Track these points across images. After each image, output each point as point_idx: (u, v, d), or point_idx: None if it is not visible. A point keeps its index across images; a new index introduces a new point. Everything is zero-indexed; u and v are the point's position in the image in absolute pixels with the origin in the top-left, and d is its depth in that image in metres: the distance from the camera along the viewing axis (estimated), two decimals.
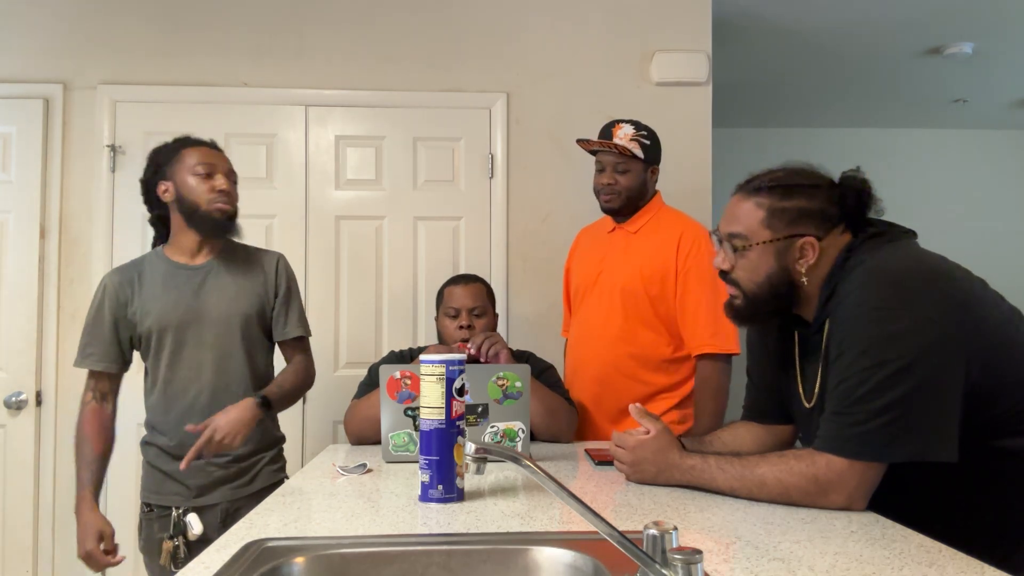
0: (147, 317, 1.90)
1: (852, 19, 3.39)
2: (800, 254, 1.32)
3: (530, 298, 2.97)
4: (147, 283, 1.93)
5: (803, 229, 1.32)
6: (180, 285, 1.93)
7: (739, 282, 1.38)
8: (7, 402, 2.83)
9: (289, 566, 0.99)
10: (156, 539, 1.90)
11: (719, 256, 1.41)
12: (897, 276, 1.24)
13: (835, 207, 1.33)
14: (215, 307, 1.93)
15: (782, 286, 1.34)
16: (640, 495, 1.35)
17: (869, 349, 1.19)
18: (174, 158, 1.92)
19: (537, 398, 1.89)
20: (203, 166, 1.90)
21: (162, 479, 1.93)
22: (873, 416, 1.17)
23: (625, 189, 2.19)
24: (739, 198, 1.39)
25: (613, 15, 3.07)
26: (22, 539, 2.82)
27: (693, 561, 0.76)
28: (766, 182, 1.36)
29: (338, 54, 3.00)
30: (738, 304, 1.40)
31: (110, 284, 1.93)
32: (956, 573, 0.92)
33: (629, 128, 2.19)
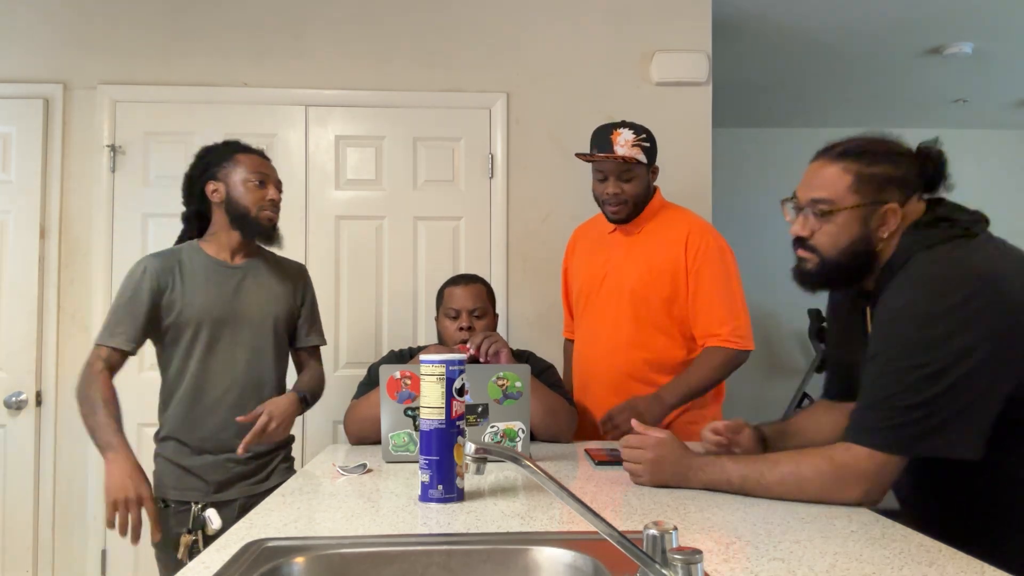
0: (188, 308, 1.92)
1: (852, 19, 3.39)
2: (882, 221, 1.32)
3: (530, 298, 2.97)
4: (188, 274, 1.95)
5: (888, 196, 1.32)
6: (221, 282, 1.97)
7: (818, 248, 1.36)
8: (7, 402, 2.83)
9: (289, 566, 0.99)
10: (173, 534, 1.89)
11: (796, 223, 1.39)
12: (944, 283, 1.23)
13: (916, 176, 1.34)
14: (252, 307, 1.99)
15: (862, 254, 1.34)
16: (640, 495, 1.35)
17: (906, 352, 1.21)
18: (227, 161, 1.98)
19: (537, 398, 1.89)
20: (258, 175, 1.98)
21: (181, 474, 1.94)
22: (904, 413, 1.19)
23: (632, 198, 2.14)
24: (822, 163, 1.37)
25: (613, 15, 3.07)
26: (22, 539, 2.82)
27: (693, 561, 0.76)
28: (853, 147, 1.35)
29: (338, 54, 3.00)
30: (809, 268, 1.38)
31: (151, 267, 1.94)
32: (956, 573, 0.92)
33: (628, 133, 2.12)
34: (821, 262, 1.37)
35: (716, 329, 2.09)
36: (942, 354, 1.18)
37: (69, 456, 2.86)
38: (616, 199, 2.13)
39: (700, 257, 2.10)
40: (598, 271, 2.24)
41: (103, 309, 2.87)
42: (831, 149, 1.38)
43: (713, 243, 2.12)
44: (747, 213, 4.81)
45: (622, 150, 2.08)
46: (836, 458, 1.24)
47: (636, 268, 2.16)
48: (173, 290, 1.93)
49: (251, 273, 2.02)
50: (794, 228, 1.40)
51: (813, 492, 1.26)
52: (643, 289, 2.14)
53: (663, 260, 2.13)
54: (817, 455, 1.27)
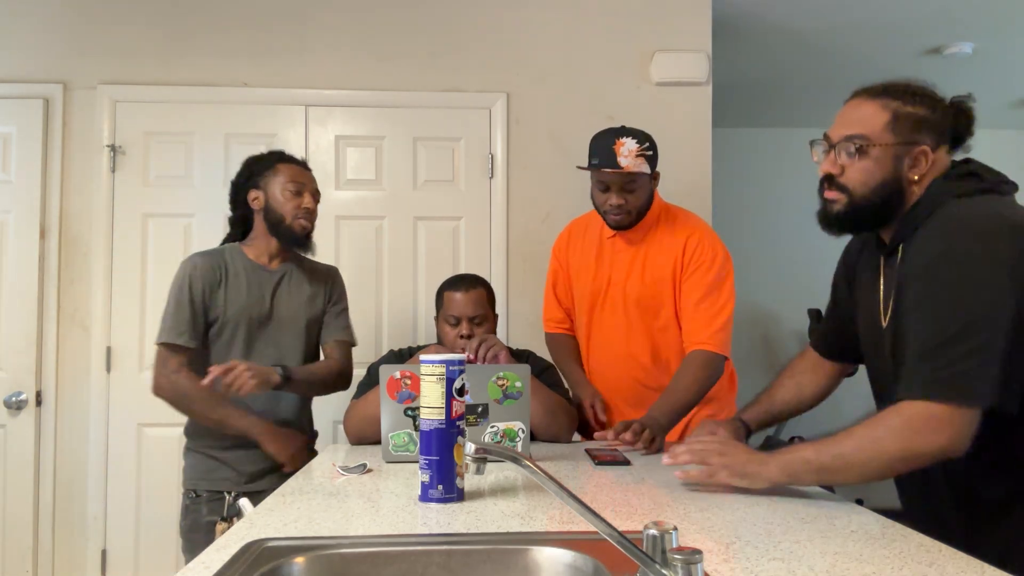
0: (230, 308, 2.04)
1: (852, 19, 3.39)
2: (914, 163, 1.32)
3: (530, 298, 2.96)
4: (231, 275, 2.08)
5: (922, 138, 1.31)
6: (260, 284, 2.10)
7: (848, 186, 1.34)
8: (7, 402, 2.83)
9: (289, 566, 0.99)
10: (204, 522, 1.99)
11: (827, 161, 1.37)
12: (982, 226, 1.24)
13: (949, 125, 1.34)
14: (287, 309, 2.12)
15: (892, 194, 1.33)
16: (640, 495, 1.35)
17: (953, 296, 1.20)
18: (269, 170, 2.09)
19: (538, 399, 1.89)
20: (294, 184, 2.08)
21: (214, 465, 2.05)
22: (962, 358, 1.17)
23: (635, 208, 2.09)
24: (859, 101, 1.36)
25: (613, 15, 3.07)
26: (22, 539, 2.82)
27: (693, 561, 0.76)
28: (893, 87, 1.35)
29: (338, 54, 3.00)
30: (838, 210, 1.36)
31: (200, 265, 2.05)
32: (956, 573, 0.92)
33: (632, 143, 2.03)
34: (850, 201, 1.35)
35: (696, 334, 2.05)
36: (990, 296, 1.17)
37: (69, 456, 2.86)
38: (619, 210, 2.07)
39: (692, 263, 2.08)
40: (601, 280, 2.19)
41: (103, 309, 2.88)
42: (869, 89, 1.37)
43: (708, 249, 2.09)
44: (747, 213, 4.81)
45: (626, 160, 2.01)
46: (905, 412, 1.20)
47: (640, 278, 2.12)
48: (218, 289, 2.05)
49: (286, 277, 2.14)
50: (824, 166, 1.38)
51: (894, 449, 1.20)
52: (649, 299, 2.11)
53: (664, 268, 2.10)
54: (884, 416, 1.22)
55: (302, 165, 2.17)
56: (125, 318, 2.88)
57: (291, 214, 2.08)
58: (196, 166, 2.95)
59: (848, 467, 1.24)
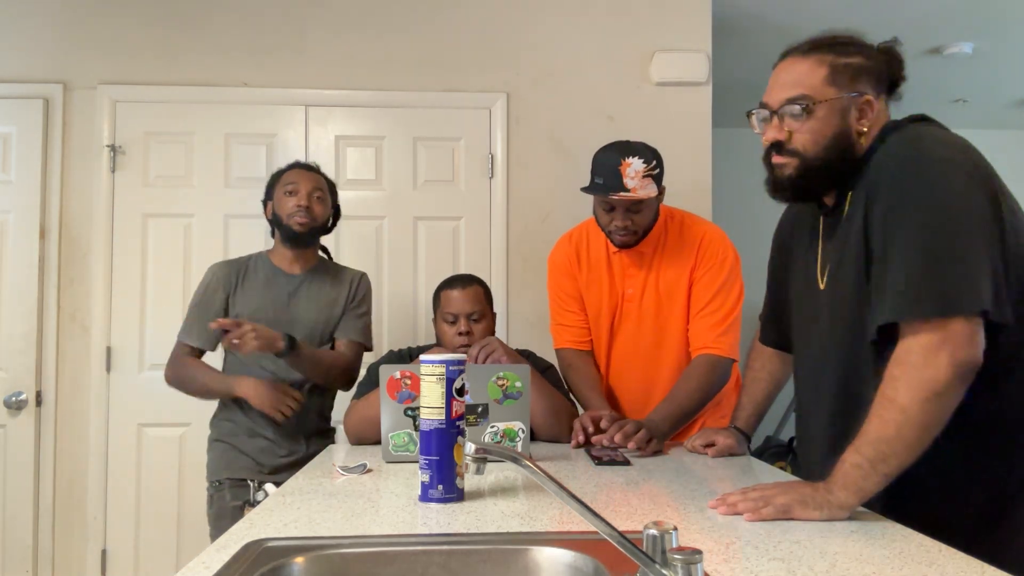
0: (245, 309, 2.14)
1: (852, 19, 3.38)
2: (861, 113, 1.28)
3: (530, 298, 2.97)
4: (250, 279, 2.20)
5: (863, 87, 1.28)
6: (278, 288, 2.19)
7: (799, 149, 1.29)
8: (7, 402, 2.83)
9: (289, 566, 0.99)
10: (229, 507, 2.09)
11: (771, 129, 1.32)
12: (944, 139, 1.22)
13: (884, 70, 1.31)
14: (304, 314, 2.18)
15: (845, 149, 1.28)
16: (640, 495, 1.35)
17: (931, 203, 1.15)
18: (277, 181, 2.21)
19: (542, 397, 1.89)
20: (290, 185, 2.16)
21: (236, 456, 2.15)
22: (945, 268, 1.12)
23: (642, 227, 2.01)
24: (791, 61, 1.32)
25: (613, 15, 3.07)
26: (22, 539, 2.82)
27: (693, 561, 0.76)
28: (821, 40, 1.31)
29: (338, 54, 3.00)
30: (789, 174, 1.31)
31: (219, 272, 2.20)
32: (956, 573, 0.92)
33: (638, 163, 1.92)
34: (802, 163, 1.30)
35: (703, 337, 2.01)
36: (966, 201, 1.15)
37: (69, 456, 2.86)
38: (625, 231, 1.99)
39: (705, 263, 2.03)
40: (615, 297, 2.10)
41: (103, 309, 2.88)
42: (797, 47, 1.32)
43: (720, 250, 2.04)
44: (747, 213, 4.80)
45: (632, 183, 1.91)
46: (900, 358, 1.14)
47: (655, 292, 2.05)
48: (235, 293, 2.17)
49: (307, 282, 2.22)
50: (769, 134, 1.32)
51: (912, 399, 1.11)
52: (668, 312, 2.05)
53: (680, 278, 2.04)
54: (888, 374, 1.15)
55: (304, 167, 2.24)
56: (125, 318, 2.88)
57: (287, 213, 2.15)
58: (196, 166, 2.95)
59: (889, 443, 1.13)
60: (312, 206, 2.16)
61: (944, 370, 1.11)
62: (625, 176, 1.92)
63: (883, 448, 1.13)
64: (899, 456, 1.13)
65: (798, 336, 1.49)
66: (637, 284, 2.08)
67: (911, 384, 1.12)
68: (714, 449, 1.73)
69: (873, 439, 1.14)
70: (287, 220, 2.15)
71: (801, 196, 1.38)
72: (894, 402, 1.13)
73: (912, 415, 1.12)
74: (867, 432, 1.15)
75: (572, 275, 2.17)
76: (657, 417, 1.86)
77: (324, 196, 2.21)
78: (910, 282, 1.14)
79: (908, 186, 1.18)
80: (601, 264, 2.12)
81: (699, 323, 2.03)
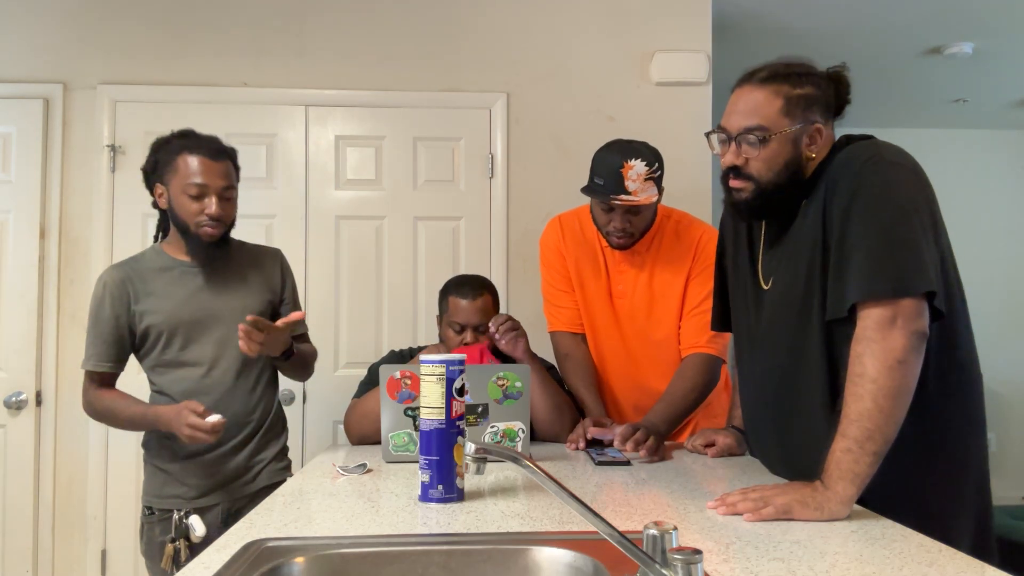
0: (155, 315, 1.86)
1: (852, 19, 3.39)
2: (811, 140, 1.39)
3: (530, 298, 2.96)
4: (149, 280, 1.88)
5: (814, 116, 1.39)
6: (185, 283, 1.89)
7: (754, 175, 1.39)
8: (7, 402, 2.83)
9: (289, 566, 0.99)
10: (157, 542, 1.86)
11: (729, 154, 1.41)
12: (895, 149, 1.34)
13: (832, 97, 1.41)
14: (225, 306, 1.90)
15: (796, 173, 1.39)
16: (640, 495, 1.35)
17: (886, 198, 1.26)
18: (171, 163, 1.84)
19: (547, 394, 1.89)
20: (195, 187, 1.80)
21: (164, 480, 1.89)
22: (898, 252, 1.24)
23: (640, 229, 2.00)
24: (748, 89, 1.41)
25: (613, 15, 3.07)
26: (22, 539, 2.82)
27: (693, 561, 0.76)
28: (776, 70, 1.40)
29: (338, 54, 3.00)
30: (745, 197, 1.41)
31: (110, 281, 1.87)
32: (956, 573, 0.92)
33: (641, 165, 1.88)
34: (757, 188, 1.40)
35: (695, 337, 2.00)
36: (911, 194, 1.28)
37: (69, 456, 2.86)
38: (623, 233, 1.97)
39: (698, 266, 2.03)
40: (600, 295, 2.09)
41: None
42: (754, 75, 1.42)
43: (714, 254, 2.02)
44: None
45: (634, 185, 1.88)
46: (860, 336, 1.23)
47: (648, 294, 2.04)
48: (137, 300, 1.86)
49: (220, 268, 1.91)
50: (727, 159, 1.42)
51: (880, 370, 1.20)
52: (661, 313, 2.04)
53: (675, 281, 2.03)
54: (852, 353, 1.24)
55: (210, 153, 1.83)
56: None
57: (193, 221, 1.82)
58: None
59: (870, 417, 1.20)
60: (224, 212, 1.83)
61: (900, 339, 1.21)
62: (627, 179, 1.89)
63: (866, 424, 1.20)
64: (882, 430, 1.20)
65: (742, 333, 1.59)
66: (628, 281, 2.07)
67: (875, 355, 1.21)
68: (714, 449, 1.73)
69: (855, 417, 1.21)
70: (195, 229, 1.82)
71: (757, 216, 1.50)
72: (863, 376, 1.21)
73: (882, 383, 1.20)
74: (847, 414, 1.22)
75: (561, 255, 2.16)
76: (655, 418, 1.86)
77: (233, 189, 1.88)
78: (869, 266, 1.24)
79: (866, 183, 1.28)
80: (593, 257, 2.11)
81: (691, 323, 2.02)
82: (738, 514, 1.19)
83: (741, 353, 1.60)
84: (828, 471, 1.21)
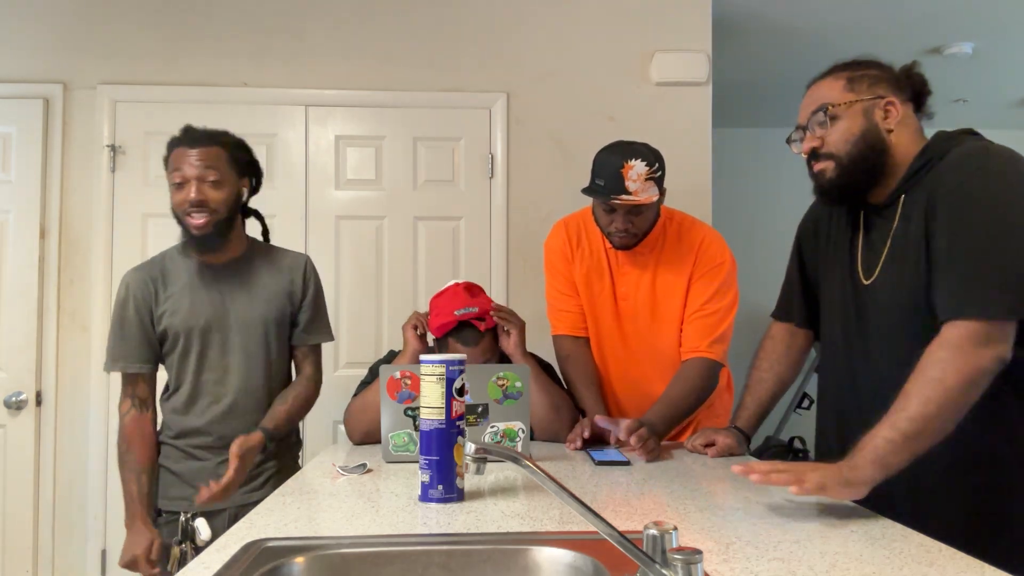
0: (174, 316, 1.85)
1: (852, 19, 3.39)
2: (885, 113, 1.39)
3: (530, 298, 2.96)
4: (171, 281, 1.87)
5: (883, 91, 1.40)
6: (207, 284, 1.87)
7: (832, 151, 1.41)
8: (7, 402, 2.83)
9: (289, 566, 0.99)
10: (165, 545, 1.84)
11: (806, 141, 1.45)
12: (1003, 153, 1.31)
13: (904, 81, 1.42)
14: (242, 310, 1.88)
15: (875, 145, 1.39)
16: (640, 495, 1.35)
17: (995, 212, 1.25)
18: (167, 161, 1.84)
19: (545, 393, 1.89)
20: (177, 174, 1.78)
21: (172, 481, 1.89)
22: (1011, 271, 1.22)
23: (642, 230, 1.98)
24: (814, 86, 1.47)
25: (613, 15, 3.07)
26: (22, 539, 2.82)
27: (693, 561, 0.76)
28: (839, 63, 1.45)
29: (338, 54, 3.00)
30: (829, 176, 1.42)
31: (133, 282, 1.86)
32: (956, 573, 0.92)
33: (641, 165, 1.87)
34: (838, 165, 1.40)
35: (695, 341, 1.99)
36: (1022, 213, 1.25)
37: (69, 456, 2.86)
38: (625, 233, 1.96)
39: (700, 269, 2.01)
40: (604, 297, 2.08)
41: (103, 309, 2.88)
42: (817, 76, 1.47)
43: (718, 254, 2.01)
44: (747, 213, 4.81)
45: (635, 186, 1.87)
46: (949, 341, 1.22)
47: (651, 296, 2.03)
48: (158, 302, 1.86)
49: (239, 272, 1.89)
50: (805, 145, 1.45)
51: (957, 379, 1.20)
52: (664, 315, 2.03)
53: (678, 283, 2.01)
54: (930, 356, 1.23)
55: (189, 141, 1.81)
56: None
57: (180, 211, 1.79)
58: None
59: (928, 420, 1.20)
60: (205, 197, 1.77)
61: (986, 360, 1.21)
62: (627, 179, 1.88)
63: (920, 425, 1.19)
64: (931, 435, 1.20)
65: (828, 326, 1.56)
66: (631, 283, 2.06)
67: (959, 367, 1.20)
68: (714, 449, 1.73)
69: (914, 415, 1.20)
70: (183, 219, 1.79)
71: (846, 196, 1.46)
72: (940, 381, 1.20)
73: (954, 396, 1.20)
74: (906, 408, 1.21)
75: (567, 259, 2.13)
76: (654, 418, 1.85)
77: (221, 175, 1.80)
78: (973, 282, 1.24)
79: (975, 196, 1.27)
80: (597, 258, 2.10)
81: (693, 326, 2.01)
82: (770, 484, 1.19)
83: (831, 351, 1.55)
84: (863, 451, 1.20)
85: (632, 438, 1.69)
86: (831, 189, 1.43)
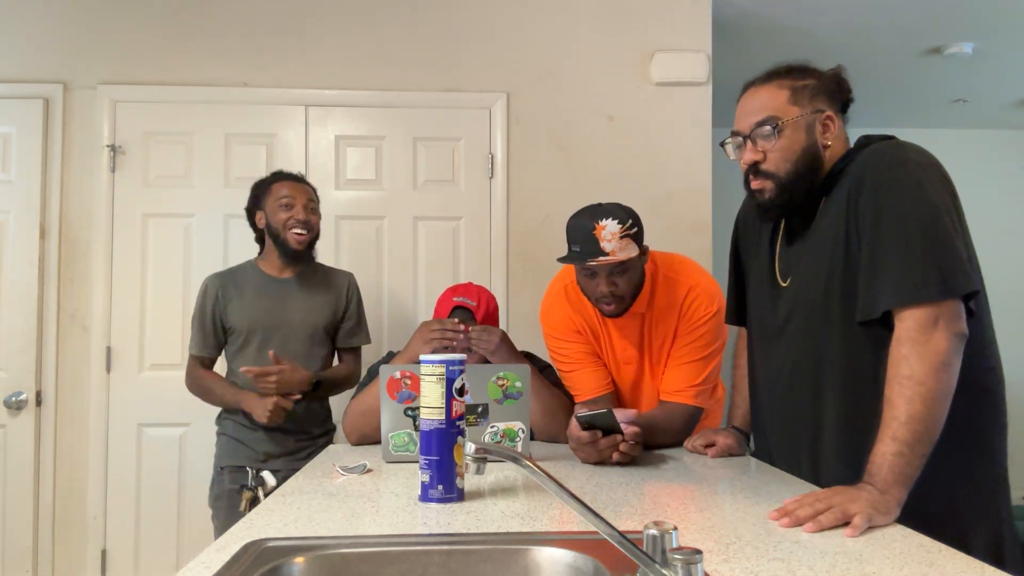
0: (241, 318, 2.30)
1: (852, 19, 3.39)
2: (824, 128, 1.41)
3: (530, 298, 2.96)
4: (242, 289, 2.33)
5: (822, 104, 1.41)
6: (270, 294, 2.33)
7: (772, 170, 1.41)
8: (7, 402, 2.83)
9: (289, 566, 0.99)
10: (227, 490, 2.28)
11: (747, 152, 1.43)
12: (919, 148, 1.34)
13: (837, 90, 1.44)
14: (296, 316, 2.32)
15: (814, 161, 1.41)
16: (640, 495, 1.35)
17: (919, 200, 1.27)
18: (267, 191, 2.33)
19: (539, 399, 1.88)
20: (286, 198, 2.29)
21: (237, 446, 2.31)
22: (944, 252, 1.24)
23: (628, 292, 1.87)
24: (753, 91, 1.46)
25: (613, 15, 3.07)
26: (22, 539, 2.82)
27: (693, 561, 0.76)
28: (777, 69, 1.45)
29: (338, 54, 3.00)
30: (769, 196, 1.43)
31: (211, 285, 2.34)
32: (956, 573, 0.92)
33: (613, 225, 1.77)
34: (778, 184, 1.42)
35: (677, 383, 1.91)
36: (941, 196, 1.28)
37: (69, 456, 2.86)
38: (611, 297, 1.84)
39: (688, 318, 1.91)
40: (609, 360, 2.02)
41: (103, 309, 2.88)
42: (755, 80, 1.47)
43: (704, 304, 1.90)
44: None
45: (610, 245, 1.77)
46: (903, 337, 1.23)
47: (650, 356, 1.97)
48: (229, 303, 2.32)
49: (297, 285, 2.36)
50: (746, 157, 1.44)
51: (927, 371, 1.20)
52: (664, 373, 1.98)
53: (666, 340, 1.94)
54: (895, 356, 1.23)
55: (296, 179, 2.37)
56: (125, 318, 2.88)
57: (283, 226, 2.28)
58: (196, 166, 2.95)
59: (922, 422, 1.19)
60: (309, 219, 2.30)
61: (943, 341, 1.22)
62: (601, 240, 1.78)
63: (917, 427, 1.19)
64: (930, 433, 1.20)
65: (754, 324, 1.61)
66: (633, 345, 1.97)
67: (921, 358, 1.21)
68: (714, 449, 1.73)
69: (905, 420, 1.20)
70: (285, 234, 2.27)
71: (782, 215, 1.51)
72: (912, 378, 1.21)
73: (931, 386, 1.20)
74: (896, 417, 1.21)
75: (578, 329, 2.01)
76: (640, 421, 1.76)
77: (316, 206, 2.36)
78: (909, 270, 1.25)
79: (899, 183, 1.29)
80: (593, 326, 2.01)
81: (678, 372, 1.93)
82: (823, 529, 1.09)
83: (754, 348, 1.61)
84: (881, 474, 1.17)
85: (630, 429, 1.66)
86: (770, 208, 1.46)
